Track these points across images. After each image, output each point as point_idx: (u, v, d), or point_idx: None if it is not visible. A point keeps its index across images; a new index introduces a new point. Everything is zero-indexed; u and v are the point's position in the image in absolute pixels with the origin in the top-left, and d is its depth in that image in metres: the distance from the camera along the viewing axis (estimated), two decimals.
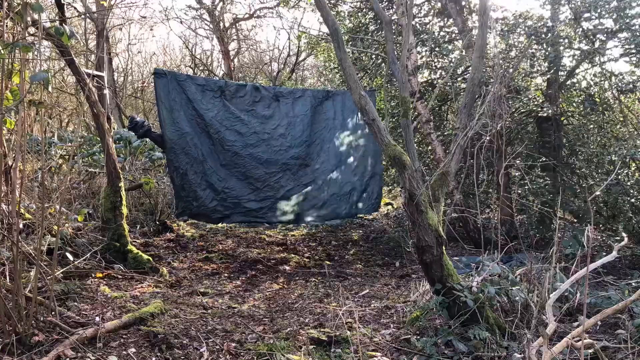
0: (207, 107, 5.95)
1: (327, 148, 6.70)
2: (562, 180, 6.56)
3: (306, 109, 6.60)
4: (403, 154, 3.83)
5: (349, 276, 5.85)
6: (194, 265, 6.05)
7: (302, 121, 6.56)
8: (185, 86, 5.82)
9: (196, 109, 5.87)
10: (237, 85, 6.47)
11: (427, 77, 8.46)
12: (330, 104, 6.82)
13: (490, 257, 4.08)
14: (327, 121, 6.76)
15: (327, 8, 4.14)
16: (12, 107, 3.38)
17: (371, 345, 3.59)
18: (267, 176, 6.21)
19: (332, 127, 6.78)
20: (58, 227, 4.18)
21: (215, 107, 6.02)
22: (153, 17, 14.32)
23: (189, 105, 5.85)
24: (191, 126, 5.84)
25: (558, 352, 2.78)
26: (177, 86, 5.82)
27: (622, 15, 6.04)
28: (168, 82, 5.79)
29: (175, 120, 5.74)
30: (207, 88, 5.99)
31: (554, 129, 6.72)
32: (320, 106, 6.73)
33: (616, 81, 6.56)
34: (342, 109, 6.88)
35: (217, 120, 5.99)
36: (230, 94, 6.15)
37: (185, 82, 5.86)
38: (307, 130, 6.55)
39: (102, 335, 3.41)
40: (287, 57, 14.92)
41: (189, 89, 5.85)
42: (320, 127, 6.70)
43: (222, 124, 6.03)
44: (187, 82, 5.91)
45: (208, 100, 5.96)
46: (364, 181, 6.98)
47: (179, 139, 5.75)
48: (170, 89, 5.76)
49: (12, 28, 3.62)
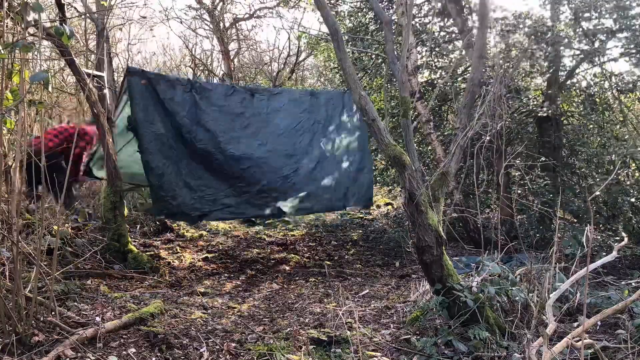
0: (178, 104, 5.75)
1: (309, 143, 6.57)
2: (562, 180, 6.56)
3: (282, 105, 6.45)
4: (403, 154, 3.83)
5: (349, 276, 5.85)
6: (194, 265, 6.05)
7: (280, 117, 6.41)
8: (155, 83, 5.61)
9: (168, 107, 5.66)
10: (207, 81, 6.33)
11: (427, 77, 8.46)
12: (313, 101, 6.72)
13: (490, 257, 4.08)
14: (309, 117, 6.63)
15: (327, 8, 4.14)
16: (12, 107, 3.38)
17: (371, 345, 3.59)
18: (242, 172, 6.04)
19: (314, 122, 6.65)
20: (58, 227, 4.17)
21: (187, 103, 5.82)
22: (153, 17, 14.28)
23: (161, 104, 5.64)
24: (165, 125, 5.61)
25: (558, 352, 2.78)
26: (149, 84, 5.60)
27: (622, 15, 6.04)
28: (140, 80, 5.56)
29: (150, 120, 5.53)
30: (177, 84, 5.79)
31: (554, 129, 6.73)
32: (300, 103, 6.61)
33: (616, 81, 6.57)
34: (325, 106, 6.79)
35: (188, 118, 5.80)
36: (201, 89, 5.95)
37: (155, 79, 5.65)
38: (286, 126, 6.42)
39: (102, 335, 3.40)
40: (287, 57, 14.90)
41: (160, 87, 5.63)
42: (301, 122, 6.56)
43: (194, 121, 5.84)
44: (157, 79, 5.69)
45: (180, 97, 5.76)
46: (350, 175, 6.86)
47: (154, 139, 5.53)
48: (143, 88, 5.55)
49: (12, 28, 3.61)
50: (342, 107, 6.91)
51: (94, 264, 5.17)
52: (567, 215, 6.77)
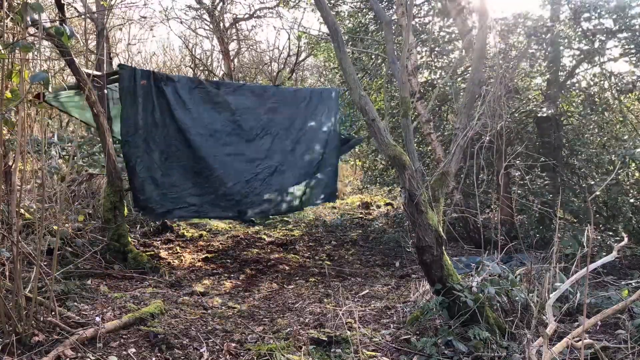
0: (153, 99, 5.76)
1: (270, 147, 6.53)
2: (562, 180, 6.56)
3: (247, 106, 6.42)
4: (403, 154, 3.83)
5: (349, 276, 5.85)
6: (193, 265, 6.05)
7: (244, 118, 6.39)
8: (136, 78, 5.64)
9: (143, 102, 5.68)
10: (178, 76, 6.37)
11: (427, 77, 8.46)
12: (278, 98, 6.68)
13: (490, 257, 4.08)
14: (273, 118, 6.58)
15: (327, 8, 4.14)
16: (12, 107, 3.37)
17: (371, 346, 3.59)
18: (208, 171, 6.05)
19: (277, 123, 6.60)
20: (58, 227, 4.18)
21: (161, 98, 5.82)
22: (153, 17, 14.31)
23: (138, 99, 5.65)
24: (143, 120, 5.66)
25: (558, 352, 2.77)
26: (133, 80, 5.63)
27: (622, 15, 6.04)
28: (128, 76, 5.61)
29: (131, 114, 5.59)
30: (154, 78, 5.80)
31: (554, 129, 6.72)
32: (264, 101, 6.56)
33: (616, 81, 6.57)
34: (291, 105, 6.75)
35: (159, 113, 5.80)
36: (172, 84, 5.92)
37: (135, 73, 5.68)
38: (250, 128, 6.40)
39: (102, 336, 3.41)
40: (287, 57, 14.91)
41: (138, 81, 5.66)
42: (263, 124, 6.52)
43: (164, 116, 5.85)
44: (136, 73, 5.72)
45: (155, 93, 5.77)
46: (313, 175, 6.87)
47: (133, 134, 5.60)
48: (129, 83, 5.60)
49: (12, 28, 3.61)
50: (308, 103, 6.88)
51: (94, 264, 5.17)
52: (567, 215, 6.77)
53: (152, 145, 5.74)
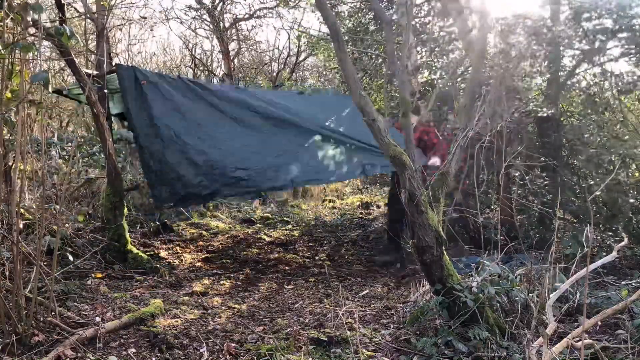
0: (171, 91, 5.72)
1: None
2: (562, 180, 6.56)
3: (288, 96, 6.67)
4: (403, 154, 3.83)
5: (349, 276, 5.84)
6: (193, 265, 6.05)
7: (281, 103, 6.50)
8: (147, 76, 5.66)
9: (161, 93, 5.63)
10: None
11: (427, 77, 8.46)
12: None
13: (490, 258, 4.08)
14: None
15: (328, 8, 4.14)
16: (12, 107, 3.38)
17: (371, 346, 3.59)
18: (245, 148, 5.89)
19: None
20: (58, 227, 4.18)
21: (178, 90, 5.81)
22: (153, 17, 14.28)
23: (151, 91, 5.57)
24: (160, 110, 5.53)
25: (558, 352, 2.77)
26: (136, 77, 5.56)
27: (622, 15, 6.04)
28: (129, 74, 5.54)
29: (143, 107, 5.48)
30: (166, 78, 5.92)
31: (554, 129, 6.72)
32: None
33: (616, 81, 6.56)
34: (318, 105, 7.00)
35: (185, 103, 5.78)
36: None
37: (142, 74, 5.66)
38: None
39: (102, 336, 3.41)
40: (287, 57, 14.91)
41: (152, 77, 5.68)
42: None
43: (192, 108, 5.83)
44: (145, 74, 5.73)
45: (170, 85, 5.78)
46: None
47: (149, 125, 5.45)
48: (133, 80, 5.52)
49: (12, 28, 3.61)
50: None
51: (94, 264, 5.17)
52: (567, 215, 6.77)
53: (179, 131, 5.60)
